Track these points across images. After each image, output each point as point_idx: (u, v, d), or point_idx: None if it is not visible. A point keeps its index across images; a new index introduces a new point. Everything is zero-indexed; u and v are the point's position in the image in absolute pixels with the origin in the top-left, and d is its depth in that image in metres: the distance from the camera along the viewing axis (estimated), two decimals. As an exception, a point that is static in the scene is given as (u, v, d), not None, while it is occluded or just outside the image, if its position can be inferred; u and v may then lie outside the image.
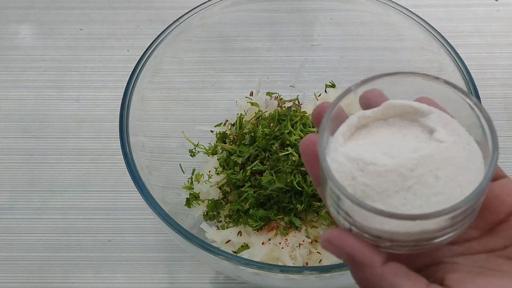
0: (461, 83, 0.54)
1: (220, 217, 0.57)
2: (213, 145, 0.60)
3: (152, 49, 0.57)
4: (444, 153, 0.29)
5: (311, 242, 0.54)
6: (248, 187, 0.55)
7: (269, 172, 0.54)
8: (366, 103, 0.33)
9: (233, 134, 0.60)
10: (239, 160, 0.56)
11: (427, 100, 0.32)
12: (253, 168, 0.55)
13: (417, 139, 0.31)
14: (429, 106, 0.32)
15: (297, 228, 0.54)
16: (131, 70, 0.55)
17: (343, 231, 0.30)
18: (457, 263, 0.31)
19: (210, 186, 0.57)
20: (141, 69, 0.56)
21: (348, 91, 0.32)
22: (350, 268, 0.30)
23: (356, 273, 0.30)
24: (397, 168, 0.29)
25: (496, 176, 0.32)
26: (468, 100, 0.31)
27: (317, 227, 0.54)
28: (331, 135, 0.31)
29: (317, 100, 0.64)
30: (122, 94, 0.54)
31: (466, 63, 0.54)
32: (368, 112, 0.32)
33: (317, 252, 0.54)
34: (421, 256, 0.31)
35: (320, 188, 0.33)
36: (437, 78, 0.32)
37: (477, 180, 0.29)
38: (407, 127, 0.32)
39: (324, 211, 0.54)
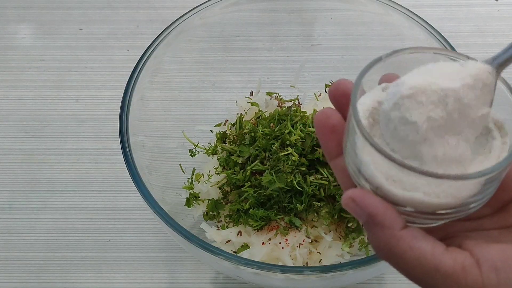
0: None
1: (220, 217, 0.57)
2: (213, 145, 0.60)
3: (152, 49, 0.57)
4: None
5: (311, 242, 0.54)
6: (248, 187, 0.55)
7: (269, 172, 0.54)
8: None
9: (233, 134, 0.60)
10: (239, 160, 0.56)
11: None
12: (253, 168, 0.55)
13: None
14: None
15: (297, 228, 0.54)
16: (131, 70, 0.55)
17: (368, 191, 0.30)
18: (471, 236, 0.31)
19: (210, 186, 0.57)
20: (141, 69, 0.56)
21: (377, 60, 0.32)
22: (369, 229, 0.30)
23: (374, 235, 0.30)
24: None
25: None
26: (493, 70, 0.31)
27: (317, 227, 0.54)
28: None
29: (317, 100, 0.64)
30: (122, 94, 0.54)
31: (466, 63, 0.54)
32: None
33: (317, 252, 0.54)
34: (434, 231, 0.32)
35: (333, 161, 0.33)
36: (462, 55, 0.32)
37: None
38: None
39: (324, 211, 0.54)
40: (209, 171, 0.58)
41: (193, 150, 0.60)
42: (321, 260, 0.53)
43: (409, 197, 0.29)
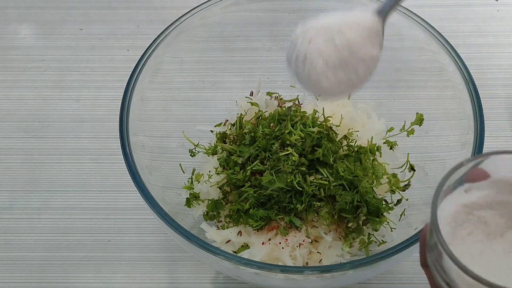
0: (461, 83, 0.54)
1: (220, 217, 0.57)
2: (213, 145, 0.60)
3: (152, 49, 0.57)
4: None
5: (311, 242, 0.54)
6: (248, 187, 0.55)
7: (269, 172, 0.54)
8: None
9: (233, 134, 0.60)
10: (239, 160, 0.56)
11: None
12: (253, 168, 0.55)
13: None
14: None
15: (297, 228, 0.54)
16: (131, 70, 0.55)
17: None
18: None
19: (210, 186, 0.57)
20: (141, 69, 0.56)
21: (459, 166, 0.32)
22: None
23: None
24: None
25: None
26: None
27: (317, 227, 0.54)
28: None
29: (317, 99, 0.64)
30: (122, 94, 0.54)
31: (466, 63, 0.54)
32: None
33: (317, 252, 0.54)
34: None
35: (426, 269, 0.34)
36: None
37: None
38: None
39: (324, 211, 0.54)
40: (209, 171, 0.58)
41: (193, 150, 0.60)
42: (321, 260, 0.53)
43: None
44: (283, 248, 0.53)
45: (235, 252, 0.54)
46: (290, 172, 0.53)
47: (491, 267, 0.31)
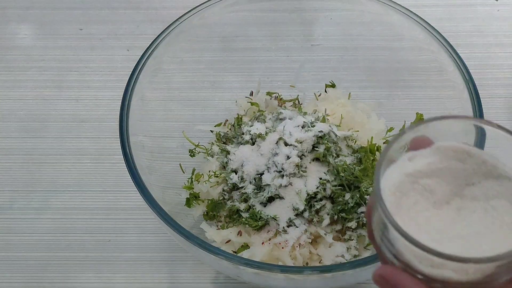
0: (461, 83, 0.54)
1: (220, 217, 0.57)
2: (212, 145, 0.60)
3: (152, 49, 0.57)
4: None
5: (311, 242, 0.54)
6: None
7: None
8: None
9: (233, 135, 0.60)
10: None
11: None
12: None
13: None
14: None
15: (297, 228, 0.54)
16: (131, 70, 0.55)
17: (397, 268, 0.30)
18: None
19: (210, 187, 0.57)
20: (141, 69, 0.56)
21: (401, 134, 0.32)
22: None
23: None
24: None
25: None
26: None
27: (317, 227, 0.54)
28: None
29: (317, 99, 0.64)
30: (122, 94, 0.54)
31: (466, 63, 0.54)
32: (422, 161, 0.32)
33: (317, 255, 0.54)
34: None
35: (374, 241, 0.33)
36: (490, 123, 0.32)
37: None
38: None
39: (324, 211, 0.54)
40: (209, 171, 0.58)
41: (193, 150, 0.60)
42: (321, 260, 0.53)
43: (437, 274, 0.29)
44: (283, 248, 0.53)
45: (235, 252, 0.54)
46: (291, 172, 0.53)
47: (438, 235, 0.30)
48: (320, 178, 0.54)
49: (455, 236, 0.30)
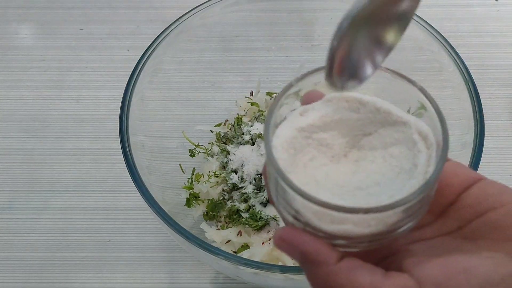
0: (461, 83, 0.54)
1: (220, 217, 0.57)
2: (211, 145, 0.60)
3: (152, 49, 0.57)
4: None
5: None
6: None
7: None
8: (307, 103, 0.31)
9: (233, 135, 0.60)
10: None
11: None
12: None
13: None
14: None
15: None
16: (131, 70, 0.55)
17: (298, 229, 0.29)
18: (413, 250, 0.30)
19: (210, 187, 0.57)
20: (141, 69, 0.56)
21: (288, 87, 0.30)
22: (304, 268, 0.29)
23: (310, 273, 0.29)
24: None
25: None
26: (414, 87, 0.31)
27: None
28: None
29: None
30: (122, 94, 0.54)
31: (466, 63, 0.54)
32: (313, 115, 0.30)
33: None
34: (377, 249, 0.30)
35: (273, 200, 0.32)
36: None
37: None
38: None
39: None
40: (209, 171, 0.58)
41: (193, 151, 0.60)
42: (321, 260, 0.53)
43: (339, 230, 0.28)
44: (283, 248, 0.53)
45: (235, 252, 0.54)
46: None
47: (338, 190, 0.29)
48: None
49: (355, 189, 0.29)
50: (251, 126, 0.58)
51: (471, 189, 0.30)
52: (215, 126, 0.63)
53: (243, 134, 0.58)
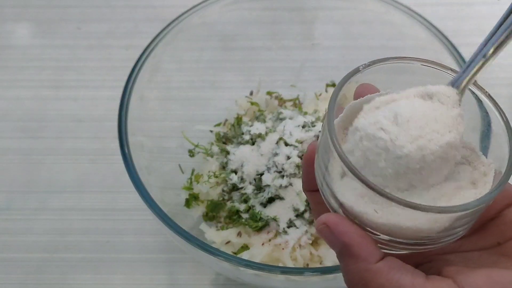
0: (463, 82, 0.54)
1: (220, 217, 0.57)
2: (212, 145, 0.60)
3: (151, 48, 0.56)
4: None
5: (312, 243, 0.54)
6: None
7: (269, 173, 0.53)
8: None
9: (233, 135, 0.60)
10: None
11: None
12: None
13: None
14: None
15: (297, 228, 0.54)
16: (130, 69, 0.55)
17: (344, 217, 0.28)
18: (451, 259, 0.30)
19: (210, 187, 0.57)
20: (140, 68, 0.55)
21: (355, 71, 0.30)
22: (342, 260, 0.28)
23: (347, 267, 0.28)
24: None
25: None
26: (479, 93, 0.31)
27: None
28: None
29: (318, 99, 0.64)
30: (121, 93, 0.54)
31: (468, 63, 0.54)
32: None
33: (318, 256, 0.53)
34: (412, 255, 0.30)
35: (310, 193, 0.32)
36: (443, 66, 0.31)
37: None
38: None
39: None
40: (209, 172, 0.58)
41: (193, 151, 0.60)
42: (322, 261, 0.53)
43: (387, 226, 0.27)
44: (283, 249, 0.52)
45: (235, 253, 0.53)
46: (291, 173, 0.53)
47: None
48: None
49: (411, 187, 0.28)
50: (251, 126, 0.58)
51: None
52: (214, 126, 0.62)
53: (243, 134, 0.58)
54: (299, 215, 0.53)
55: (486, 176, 0.29)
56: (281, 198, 0.54)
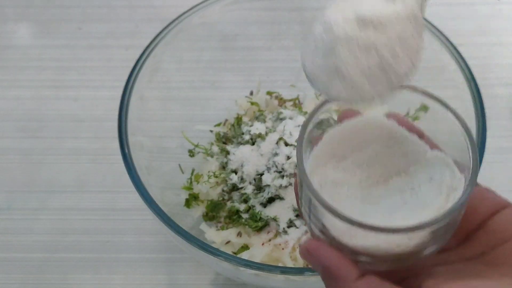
0: (463, 82, 0.54)
1: (220, 217, 0.57)
2: (212, 145, 0.60)
3: (151, 48, 0.56)
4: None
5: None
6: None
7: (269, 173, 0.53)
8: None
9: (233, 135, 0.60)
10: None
11: (398, 117, 0.33)
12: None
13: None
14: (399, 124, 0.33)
15: (297, 228, 0.54)
16: (130, 69, 0.55)
17: (323, 242, 0.30)
18: (434, 273, 0.30)
19: (210, 187, 0.57)
20: (140, 68, 0.55)
21: (324, 103, 0.32)
22: (324, 280, 0.30)
23: (329, 286, 0.30)
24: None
25: None
26: (449, 113, 0.32)
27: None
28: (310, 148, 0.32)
29: (318, 99, 0.64)
30: (121, 93, 0.54)
31: (469, 62, 0.54)
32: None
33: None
34: (398, 270, 0.31)
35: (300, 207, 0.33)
36: (424, 92, 0.33)
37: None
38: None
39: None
40: (209, 171, 0.58)
41: (193, 151, 0.60)
42: (321, 261, 0.53)
43: (364, 247, 0.29)
44: (283, 249, 0.52)
45: (234, 253, 0.53)
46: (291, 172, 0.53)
47: (367, 208, 0.30)
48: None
49: (383, 208, 0.30)
50: (251, 126, 0.58)
51: (497, 215, 0.30)
52: (214, 126, 0.62)
53: (243, 134, 0.58)
54: (299, 215, 0.53)
55: (456, 191, 0.30)
56: (281, 198, 0.54)
